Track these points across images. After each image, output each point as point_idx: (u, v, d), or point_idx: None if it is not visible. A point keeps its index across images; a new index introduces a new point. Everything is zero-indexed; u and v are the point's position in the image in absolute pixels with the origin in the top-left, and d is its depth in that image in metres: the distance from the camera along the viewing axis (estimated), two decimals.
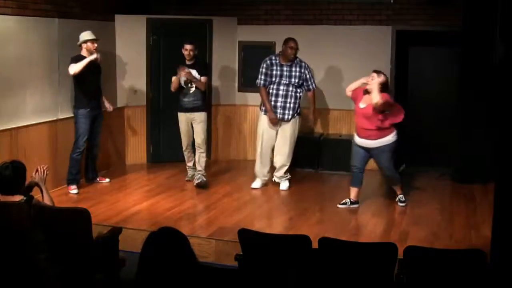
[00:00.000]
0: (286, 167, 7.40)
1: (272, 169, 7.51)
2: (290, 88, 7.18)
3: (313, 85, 7.34)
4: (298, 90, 7.25)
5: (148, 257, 2.57)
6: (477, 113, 7.61)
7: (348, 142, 8.28)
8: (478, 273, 3.72)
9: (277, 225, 6.07)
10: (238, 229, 4.16)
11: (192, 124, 7.47)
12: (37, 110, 6.87)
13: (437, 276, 3.75)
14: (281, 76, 7.18)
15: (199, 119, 7.44)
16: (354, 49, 8.42)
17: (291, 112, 7.21)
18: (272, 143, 7.39)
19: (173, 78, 7.42)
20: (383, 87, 6.26)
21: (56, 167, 7.10)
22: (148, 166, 8.57)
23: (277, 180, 7.47)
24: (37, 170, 4.67)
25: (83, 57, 6.89)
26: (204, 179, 7.41)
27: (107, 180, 7.59)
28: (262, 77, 7.24)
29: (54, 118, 7.15)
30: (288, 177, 7.46)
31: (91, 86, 7.11)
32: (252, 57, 8.67)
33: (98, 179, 7.53)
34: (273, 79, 7.21)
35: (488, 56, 7.22)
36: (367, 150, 6.48)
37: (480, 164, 7.59)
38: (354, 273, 3.89)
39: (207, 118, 7.63)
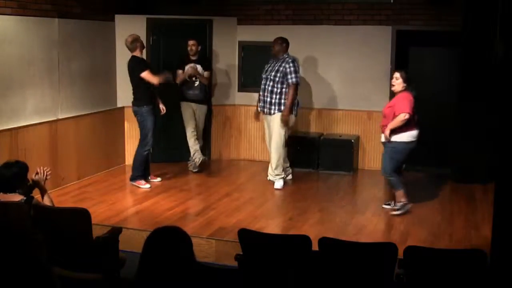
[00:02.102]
0: (275, 165, 7.40)
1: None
2: (269, 83, 7.33)
3: (293, 79, 7.25)
4: (278, 86, 7.28)
5: (149, 254, 2.56)
6: (477, 113, 7.60)
7: (348, 142, 8.33)
8: (478, 273, 3.72)
9: (277, 225, 6.07)
10: (238, 229, 4.16)
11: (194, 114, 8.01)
12: (37, 110, 6.87)
13: (437, 276, 3.75)
14: (267, 71, 7.44)
15: (200, 111, 8.07)
16: (354, 49, 8.42)
17: (268, 106, 7.37)
18: (268, 139, 7.61)
19: (179, 71, 7.89)
20: (407, 83, 6.30)
21: (56, 167, 7.11)
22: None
23: (271, 178, 7.49)
24: (37, 172, 4.68)
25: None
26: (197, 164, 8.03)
27: (159, 179, 7.63)
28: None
29: (54, 118, 7.15)
30: (282, 176, 7.46)
31: (150, 84, 7.23)
32: (252, 57, 8.68)
33: (149, 178, 7.56)
34: (264, 74, 7.49)
35: (488, 56, 7.21)
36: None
37: (480, 164, 7.58)
38: (354, 273, 3.89)
39: (207, 112, 8.29)
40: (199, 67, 7.90)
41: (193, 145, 7.99)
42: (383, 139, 6.41)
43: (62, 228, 4.35)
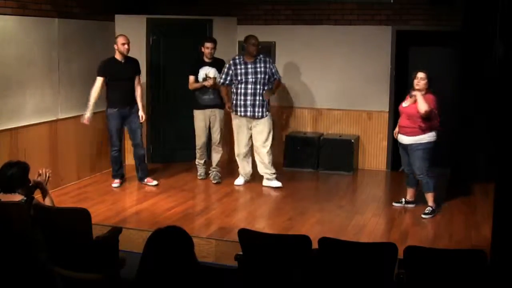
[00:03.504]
0: (271, 164, 7.38)
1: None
2: (258, 86, 7.20)
3: (279, 77, 7.40)
4: (264, 88, 7.25)
5: (150, 255, 2.57)
6: (477, 113, 7.61)
7: (348, 142, 8.33)
8: (478, 273, 3.72)
9: (277, 225, 6.07)
10: (238, 229, 4.16)
11: (210, 121, 7.61)
12: (37, 110, 6.87)
13: (437, 276, 3.75)
14: (246, 74, 7.21)
15: (219, 116, 7.64)
16: (354, 49, 8.42)
17: (261, 109, 7.24)
18: (247, 142, 7.44)
19: (192, 78, 7.52)
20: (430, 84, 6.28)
21: (56, 167, 7.11)
22: (148, 166, 8.55)
23: (268, 177, 7.44)
24: (39, 174, 4.66)
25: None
26: (219, 175, 7.72)
27: (155, 182, 7.46)
28: (223, 76, 7.33)
29: (54, 118, 7.15)
30: (276, 173, 7.45)
31: (120, 87, 7.09)
32: None
33: (145, 180, 7.46)
34: (240, 78, 7.22)
35: (488, 56, 7.21)
36: (406, 148, 6.40)
37: (480, 164, 7.59)
38: (354, 273, 3.88)
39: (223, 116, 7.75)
40: (213, 71, 7.50)
41: (199, 158, 7.77)
42: (408, 141, 6.30)
43: (62, 228, 4.35)
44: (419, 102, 6.13)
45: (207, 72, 7.53)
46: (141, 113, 7.29)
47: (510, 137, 4.08)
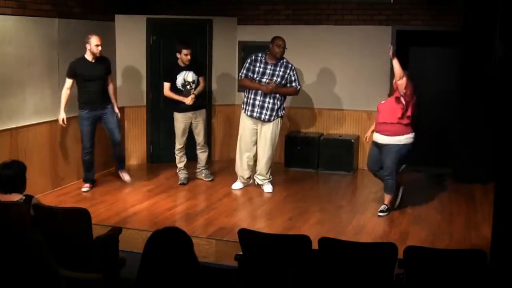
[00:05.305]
0: (268, 168, 7.25)
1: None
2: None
3: (298, 87, 7.11)
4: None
5: (150, 255, 2.57)
6: (477, 113, 7.61)
7: (348, 142, 8.33)
8: (478, 273, 3.72)
9: (277, 225, 6.07)
10: (238, 229, 4.16)
11: (191, 124, 7.48)
12: (37, 110, 6.87)
13: (437, 276, 3.75)
14: (263, 74, 7.03)
15: (200, 117, 7.50)
16: (354, 49, 8.42)
17: (269, 113, 7.03)
18: (250, 143, 7.24)
19: (167, 85, 7.36)
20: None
21: (56, 167, 7.11)
22: (148, 166, 8.58)
23: (259, 182, 7.34)
24: None
25: None
26: (209, 171, 7.82)
27: (128, 178, 7.52)
28: (244, 71, 7.14)
29: (54, 118, 7.14)
30: (271, 179, 7.33)
31: (90, 88, 6.93)
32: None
33: (121, 173, 7.56)
34: (255, 76, 7.05)
35: (488, 56, 7.22)
36: (380, 148, 6.36)
37: (480, 164, 7.59)
38: (354, 273, 3.89)
39: (206, 116, 7.67)
40: (191, 74, 7.34)
41: (179, 161, 7.58)
42: (385, 141, 6.28)
43: (62, 228, 4.35)
44: (395, 66, 6.23)
45: (185, 76, 7.33)
46: (116, 110, 7.22)
47: (510, 137, 4.07)
